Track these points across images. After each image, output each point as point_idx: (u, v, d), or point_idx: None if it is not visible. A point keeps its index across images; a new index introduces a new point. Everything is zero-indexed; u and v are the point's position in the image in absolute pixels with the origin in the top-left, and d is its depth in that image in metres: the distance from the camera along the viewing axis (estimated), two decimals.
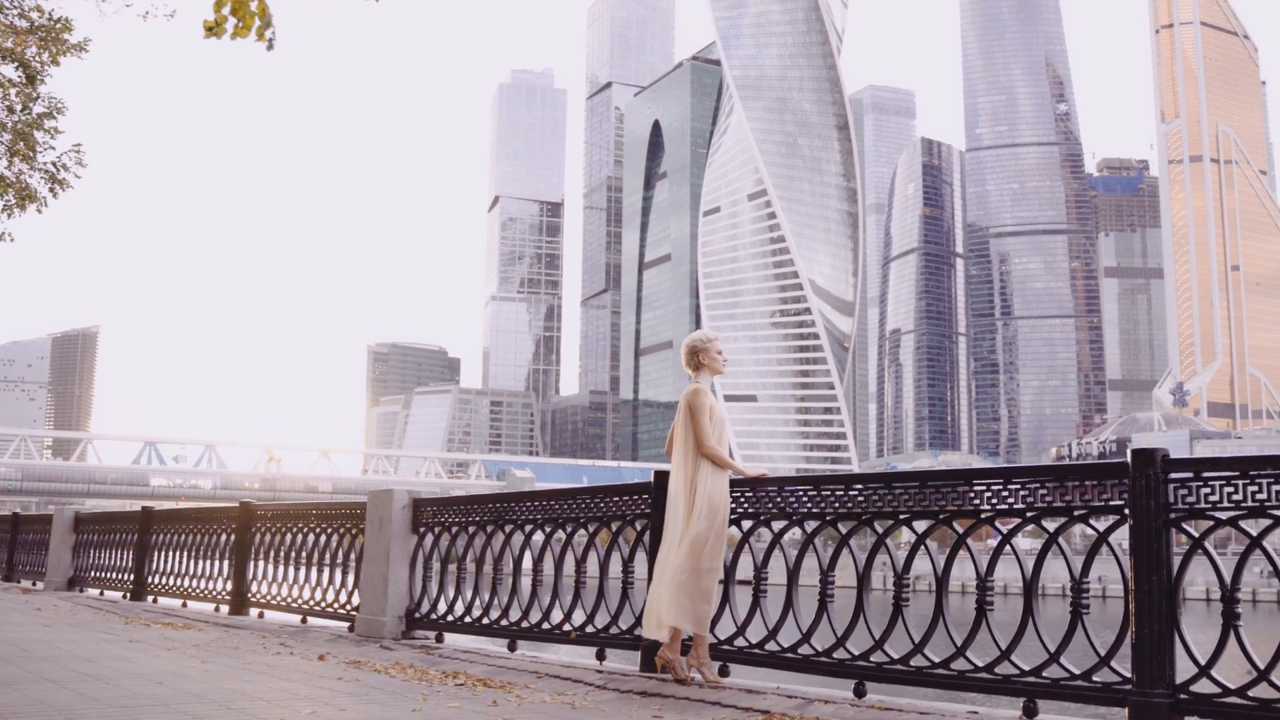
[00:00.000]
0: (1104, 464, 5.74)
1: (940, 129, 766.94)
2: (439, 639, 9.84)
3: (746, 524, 7.47)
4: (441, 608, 9.84)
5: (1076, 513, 5.85)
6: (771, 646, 7.07)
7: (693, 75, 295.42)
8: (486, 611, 9.30)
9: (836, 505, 6.89)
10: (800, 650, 6.90)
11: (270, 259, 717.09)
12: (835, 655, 6.70)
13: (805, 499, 7.09)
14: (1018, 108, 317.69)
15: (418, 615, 10.07)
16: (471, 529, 9.72)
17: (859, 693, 6.36)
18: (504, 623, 9.10)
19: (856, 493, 6.80)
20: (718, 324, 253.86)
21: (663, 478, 7.58)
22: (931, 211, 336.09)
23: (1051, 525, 6.03)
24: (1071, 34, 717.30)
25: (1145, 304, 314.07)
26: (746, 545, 7.44)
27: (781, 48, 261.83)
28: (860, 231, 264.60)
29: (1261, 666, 5.05)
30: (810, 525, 7.15)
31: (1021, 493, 6.04)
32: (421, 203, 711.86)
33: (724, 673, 7.21)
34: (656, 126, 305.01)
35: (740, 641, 7.26)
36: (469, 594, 9.57)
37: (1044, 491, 5.96)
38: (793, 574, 7.16)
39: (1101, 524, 5.88)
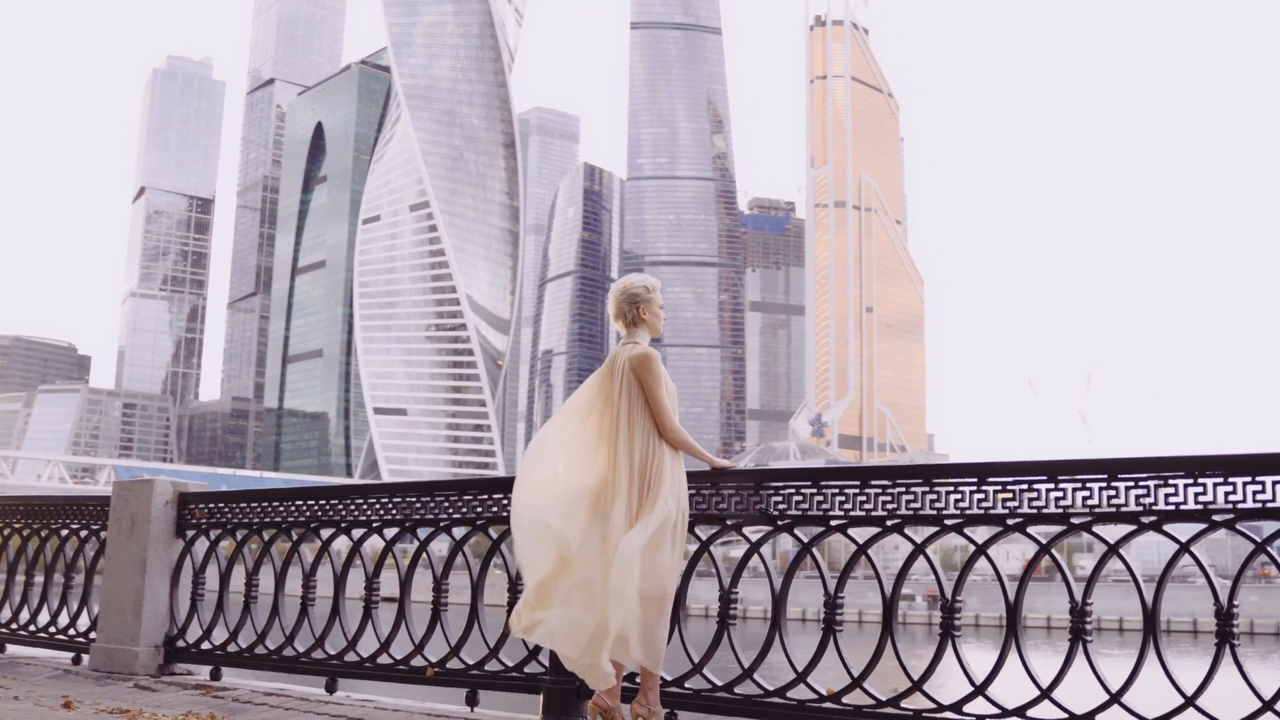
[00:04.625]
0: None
1: (603, 156, 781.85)
2: (215, 675, 7.59)
3: (707, 530, 5.76)
4: (219, 635, 7.59)
5: (1216, 518, 4.54)
6: (746, 689, 5.40)
7: (360, 79, 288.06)
8: (290, 640, 7.15)
9: (849, 507, 5.32)
10: (791, 694, 5.27)
11: None
12: (846, 700, 5.15)
13: (797, 498, 5.48)
14: (678, 142, 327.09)
15: (182, 644, 7.73)
16: (269, 533, 7.56)
17: None
18: (319, 654, 6.99)
19: (878, 490, 5.26)
20: (371, 335, 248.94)
21: None
22: (590, 236, 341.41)
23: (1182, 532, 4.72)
24: (733, 77, 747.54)
25: (786, 338, 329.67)
26: (707, 556, 5.75)
27: (454, 60, 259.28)
28: (520, 251, 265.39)
29: None
30: (804, 531, 5.56)
31: (1135, 491, 4.68)
32: (57, 188, 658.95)
33: None
34: (319, 128, 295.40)
35: (697, 682, 5.56)
36: (264, 617, 7.36)
37: (1170, 489, 4.62)
38: (780, 596, 5.49)
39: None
